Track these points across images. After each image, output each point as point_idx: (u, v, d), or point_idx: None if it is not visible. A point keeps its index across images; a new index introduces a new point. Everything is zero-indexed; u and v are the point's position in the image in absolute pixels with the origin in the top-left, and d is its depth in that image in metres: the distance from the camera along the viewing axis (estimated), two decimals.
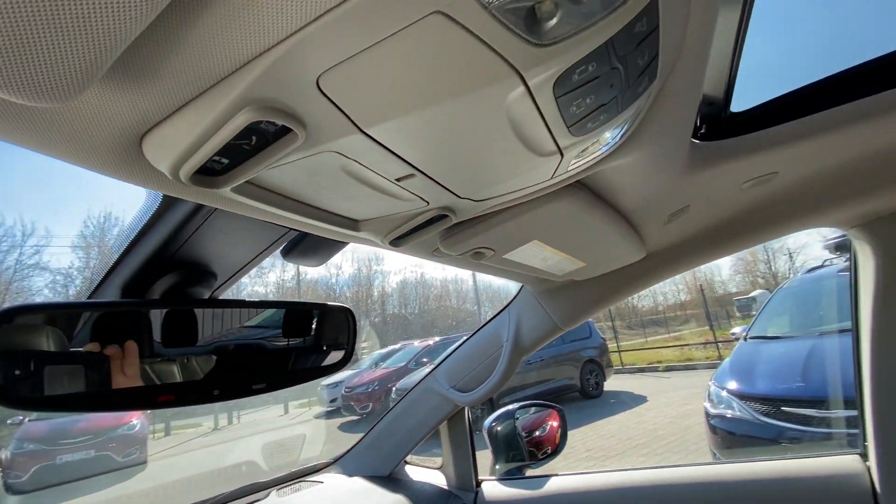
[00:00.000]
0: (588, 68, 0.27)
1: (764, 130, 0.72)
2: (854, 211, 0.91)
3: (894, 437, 0.96)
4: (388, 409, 1.43)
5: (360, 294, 24.84)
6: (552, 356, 8.53)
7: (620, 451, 5.63)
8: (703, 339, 13.62)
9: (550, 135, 0.34)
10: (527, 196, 0.50)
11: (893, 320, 0.95)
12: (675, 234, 0.95)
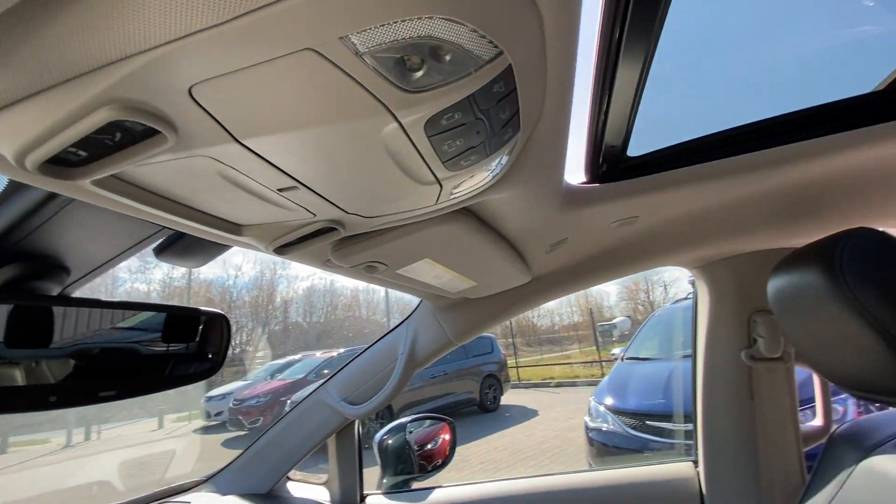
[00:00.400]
0: (454, 115, 0.31)
1: (626, 181, 0.83)
2: (696, 254, 1.09)
3: (718, 446, 1.14)
4: (274, 422, 1.36)
5: (261, 299, 23.15)
6: (455, 370, 8.73)
7: (511, 463, 5.91)
8: (591, 358, 14.90)
9: (428, 167, 0.37)
10: (416, 217, 0.53)
11: (719, 348, 1.15)
12: (557, 261, 1.05)
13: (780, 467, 1.07)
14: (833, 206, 0.91)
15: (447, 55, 0.27)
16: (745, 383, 1.10)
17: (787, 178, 0.83)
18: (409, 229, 0.57)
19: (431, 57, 0.26)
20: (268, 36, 0.24)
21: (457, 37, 0.26)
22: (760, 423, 1.09)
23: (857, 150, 0.77)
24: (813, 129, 0.79)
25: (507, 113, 0.34)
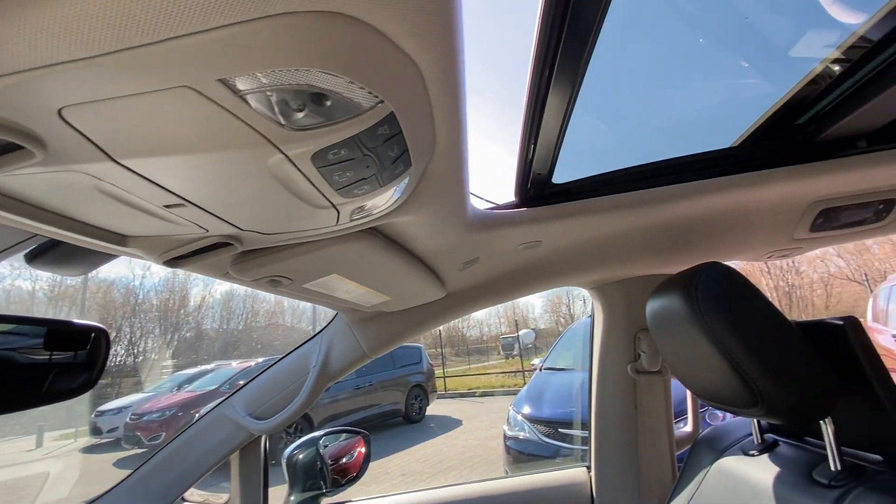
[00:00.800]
0: (340, 152, 0.34)
1: (529, 209, 0.91)
2: (593, 276, 1.21)
3: (607, 451, 1.26)
4: (169, 439, 1.27)
5: (172, 303, 21.10)
6: (381, 381, 8.60)
7: (432, 474, 5.92)
8: (515, 368, 15.44)
9: (321, 193, 0.39)
10: (319, 235, 0.54)
11: (610, 361, 1.27)
12: (470, 278, 1.10)
13: (656, 469, 1.20)
14: (699, 240, 1.06)
15: (328, 101, 0.29)
16: (631, 394, 1.23)
17: (666, 214, 0.95)
18: (313, 246, 0.58)
19: (312, 101, 0.29)
20: (143, 71, 0.25)
21: (336, 87, 0.28)
22: (642, 430, 1.21)
23: (717, 194, 0.91)
24: (687, 175, 0.92)
25: (396, 151, 0.37)
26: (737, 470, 0.83)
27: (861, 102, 0.76)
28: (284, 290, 0.72)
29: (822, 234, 1.05)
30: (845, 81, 0.76)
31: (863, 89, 0.76)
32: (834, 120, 0.83)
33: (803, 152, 0.88)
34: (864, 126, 0.84)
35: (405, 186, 0.46)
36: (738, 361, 0.66)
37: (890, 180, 0.92)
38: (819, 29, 0.78)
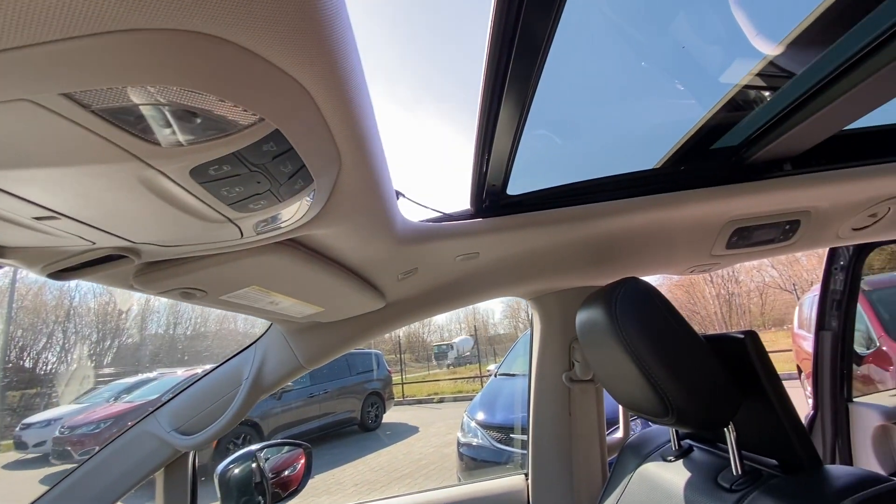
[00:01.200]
0: (223, 168, 0.33)
1: (465, 221, 0.92)
2: (531, 287, 1.24)
3: (543, 458, 1.29)
4: (85, 458, 1.18)
5: (111, 306, 19.70)
6: (337, 389, 8.42)
7: (386, 482, 5.84)
8: (473, 374, 15.54)
9: (211, 208, 0.38)
10: (228, 248, 0.53)
11: (546, 370, 1.30)
12: (409, 289, 1.10)
13: (587, 474, 1.24)
14: (627, 254, 1.11)
15: (197, 118, 0.28)
16: (565, 402, 1.27)
17: (597, 229, 1.00)
18: (224, 258, 0.56)
19: (180, 118, 0.28)
20: None
21: (204, 104, 0.27)
22: (575, 437, 1.25)
23: (643, 212, 0.96)
24: (616, 193, 0.96)
25: (291, 167, 0.37)
26: (655, 475, 0.87)
27: (786, 129, 0.83)
28: (201, 301, 0.69)
29: (736, 251, 1.13)
30: (773, 108, 0.82)
31: (787, 117, 0.82)
32: (763, 143, 0.89)
33: (721, 174, 0.95)
34: (789, 150, 0.92)
35: (314, 200, 0.46)
36: (651, 372, 0.69)
37: (794, 203, 1.00)
38: (743, 58, 0.84)
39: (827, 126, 0.80)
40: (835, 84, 0.70)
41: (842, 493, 0.56)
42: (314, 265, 0.69)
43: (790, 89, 0.77)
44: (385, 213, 0.65)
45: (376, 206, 0.60)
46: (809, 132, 0.82)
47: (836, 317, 1.67)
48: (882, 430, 1.54)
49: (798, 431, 0.68)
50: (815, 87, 0.72)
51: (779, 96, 0.79)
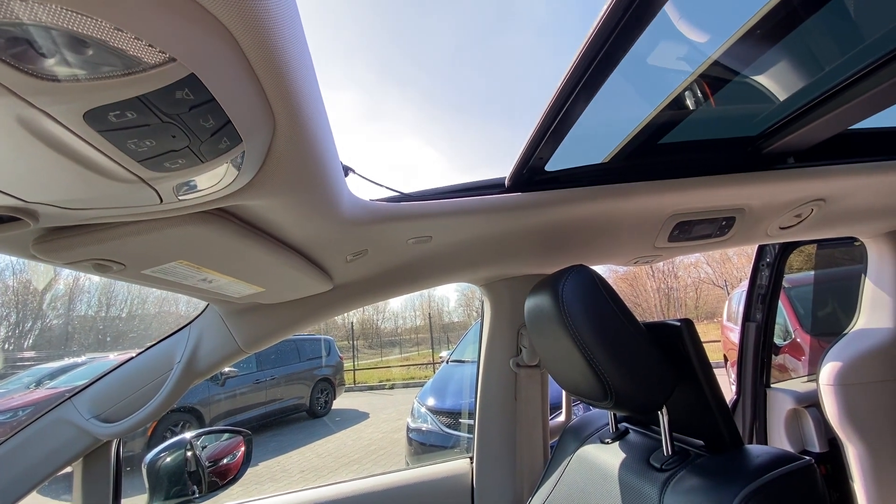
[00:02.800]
0: (127, 114, 0.28)
1: (419, 202, 0.90)
2: (482, 274, 1.24)
3: (488, 441, 1.30)
4: None
5: (30, 285, 17.95)
6: (285, 375, 8.21)
7: (335, 468, 5.79)
8: (426, 361, 15.65)
9: (118, 164, 0.33)
10: (148, 215, 0.47)
11: (495, 355, 1.32)
12: (359, 271, 1.07)
13: (530, 457, 1.28)
14: (575, 244, 1.13)
15: (88, 49, 0.24)
16: (512, 387, 1.29)
17: (546, 217, 1.00)
18: (144, 227, 0.51)
19: (66, 47, 0.23)
20: None
21: (95, 31, 0.23)
22: (519, 421, 1.28)
23: (591, 202, 0.97)
24: (567, 183, 0.97)
25: (213, 122, 0.33)
26: (593, 457, 0.90)
27: (802, 125, 0.87)
28: (120, 276, 0.63)
29: (678, 244, 1.18)
30: (792, 103, 0.86)
31: (806, 112, 0.86)
32: (777, 138, 0.93)
33: (663, 169, 0.98)
34: (801, 144, 0.96)
35: (245, 165, 0.41)
36: (593, 357, 0.71)
37: (729, 200, 1.06)
38: (683, 55, 0.86)
39: (833, 126, 0.87)
40: (851, 87, 0.76)
41: (760, 470, 0.60)
42: (251, 241, 0.65)
43: (810, 88, 0.82)
44: (330, 189, 0.61)
45: (320, 180, 0.56)
46: (820, 128, 0.89)
47: (760, 310, 1.80)
48: (794, 413, 1.70)
49: (724, 414, 0.72)
50: (832, 89, 0.78)
51: (798, 94, 0.84)
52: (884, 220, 1.35)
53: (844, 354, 1.48)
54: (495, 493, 1.27)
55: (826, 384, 1.48)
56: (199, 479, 1.35)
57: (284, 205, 0.57)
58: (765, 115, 0.98)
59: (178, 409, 6.65)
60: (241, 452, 1.48)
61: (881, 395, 1.42)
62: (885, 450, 1.40)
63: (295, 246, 0.79)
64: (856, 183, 1.07)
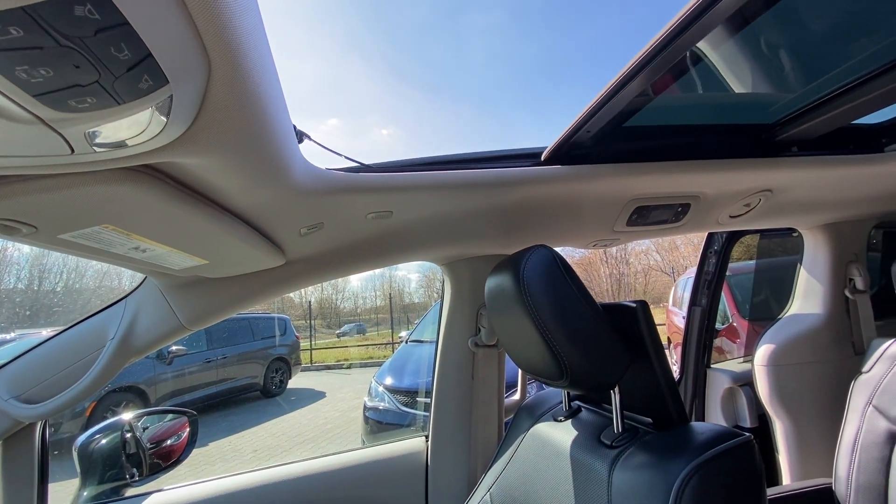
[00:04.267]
0: (10, 31, 0.23)
1: (381, 174, 0.85)
2: (443, 253, 1.21)
3: (444, 420, 1.31)
4: None
5: None
6: (238, 354, 7.97)
7: (288, 447, 5.72)
8: (386, 341, 15.65)
9: (6, 97, 0.27)
10: (60, 167, 0.41)
11: (454, 335, 1.31)
12: (314, 246, 1.02)
13: (485, 435, 1.29)
14: (537, 225, 1.13)
15: None
16: (469, 366, 1.29)
17: (506, 197, 0.99)
18: (57, 184, 0.44)
19: None
20: None
21: None
22: (476, 400, 1.29)
23: (555, 183, 0.96)
24: (522, 162, 0.95)
25: (130, 54, 0.27)
26: (545, 434, 0.91)
27: (815, 116, 0.89)
28: (33, 240, 0.55)
29: (635, 229, 1.21)
30: (806, 96, 0.88)
31: (820, 105, 0.88)
32: (792, 125, 0.96)
33: (626, 153, 0.99)
34: (814, 132, 0.98)
35: (175, 113, 0.36)
36: (551, 336, 0.71)
37: (686, 187, 1.08)
38: None
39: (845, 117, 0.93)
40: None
41: (705, 446, 0.63)
42: (191, 207, 0.58)
43: (827, 83, 0.87)
44: (280, 151, 0.56)
45: (267, 140, 0.51)
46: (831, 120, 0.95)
47: (706, 295, 1.90)
48: (729, 391, 1.81)
49: (672, 393, 0.74)
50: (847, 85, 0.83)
51: (812, 89, 0.88)
52: (821, 213, 1.44)
53: (778, 337, 1.59)
54: (450, 471, 1.28)
55: (760, 364, 1.59)
56: (139, 461, 1.28)
57: (227, 166, 0.52)
58: (727, 104, 1.00)
59: (121, 388, 6.33)
60: (185, 433, 1.41)
61: (808, 376, 1.54)
62: (808, 425, 1.52)
63: (242, 215, 0.73)
64: (800, 175, 1.12)
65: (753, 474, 0.62)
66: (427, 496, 1.27)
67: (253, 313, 9.04)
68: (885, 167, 1.14)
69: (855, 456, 1.15)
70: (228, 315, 1.07)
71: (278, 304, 20.80)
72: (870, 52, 0.82)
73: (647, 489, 0.62)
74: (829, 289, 1.57)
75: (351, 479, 1.26)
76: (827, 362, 1.54)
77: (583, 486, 0.74)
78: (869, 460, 1.12)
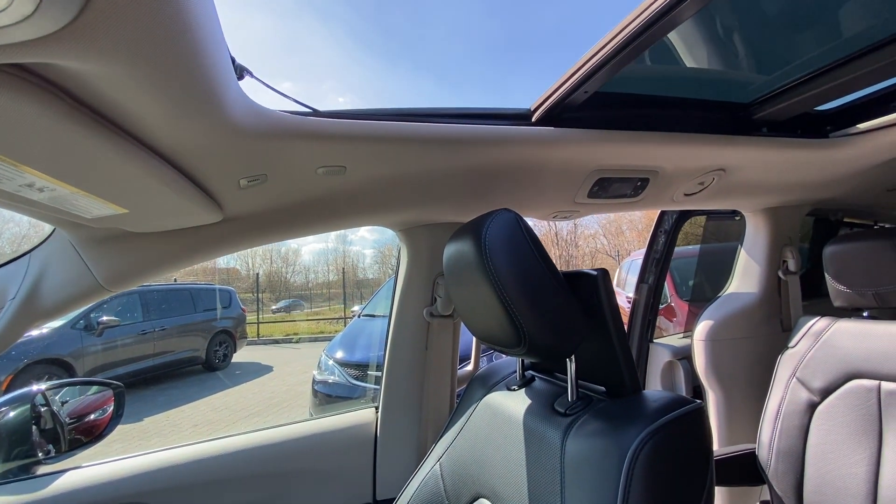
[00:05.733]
0: None
1: (334, 120, 0.77)
2: (400, 217, 1.15)
3: (395, 390, 1.27)
4: None
5: None
6: (178, 326, 7.56)
7: (232, 421, 5.54)
8: (338, 315, 15.42)
9: None
10: None
11: (409, 305, 1.26)
12: (256, 202, 0.92)
13: (436, 405, 1.27)
14: (499, 192, 1.10)
15: None
16: (424, 336, 1.25)
17: (470, 157, 0.94)
18: None
19: None
20: None
21: None
22: (428, 370, 1.26)
23: (520, 145, 0.92)
24: (490, 121, 0.90)
25: None
26: (498, 403, 0.89)
27: (802, 92, 0.89)
28: None
29: (595, 201, 1.20)
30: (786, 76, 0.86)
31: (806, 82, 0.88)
32: (769, 105, 0.97)
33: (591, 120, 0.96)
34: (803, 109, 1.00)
35: None
36: (511, 303, 0.67)
37: (649, 160, 1.08)
38: None
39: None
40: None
41: (658, 413, 0.63)
42: (97, 135, 0.48)
43: (814, 60, 0.88)
44: (211, 77, 0.47)
45: (194, 58, 0.42)
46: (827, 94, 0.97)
47: (654, 273, 1.97)
48: (669, 365, 1.91)
49: (627, 361, 0.74)
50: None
51: (801, 65, 0.88)
52: (764, 196, 1.51)
53: (716, 314, 1.67)
54: (399, 442, 1.25)
55: (698, 339, 1.67)
56: (56, 436, 1.15)
57: (140, 85, 0.43)
58: (695, 77, 1.00)
59: (43, 360, 5.84)
60: (111, 407, 1.29)
61: (740, 350, 1.64)
62: (737, 396, 1.63)
63: (168, 156, 0.63)
64: (752, 155, 1.15)
65: (703, 439, 0.63)
66: (375, 467, 1.24)
67: (195, 284, 8.59)
68: (828, 153, 1.19)
69: (777, 423, 1.23)
70: (156, 275, 0.96)
71: (224, 276, 19.91)
72: (840, 41, 0.84)
73: (600, 456, 0.61)
74: (765, 269, 1.66)
75: (296, 451, 1.21)
76: (758, 338, 1.65)
77: (535, 454, 0.72)
78: (790, 427, 1.21)
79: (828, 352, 1.17)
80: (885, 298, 1.11)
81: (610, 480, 0.58)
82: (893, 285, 1.08)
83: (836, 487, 1.11)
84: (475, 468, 0.83)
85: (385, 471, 1.24)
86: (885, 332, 1.09)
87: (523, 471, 0.73)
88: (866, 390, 1.10)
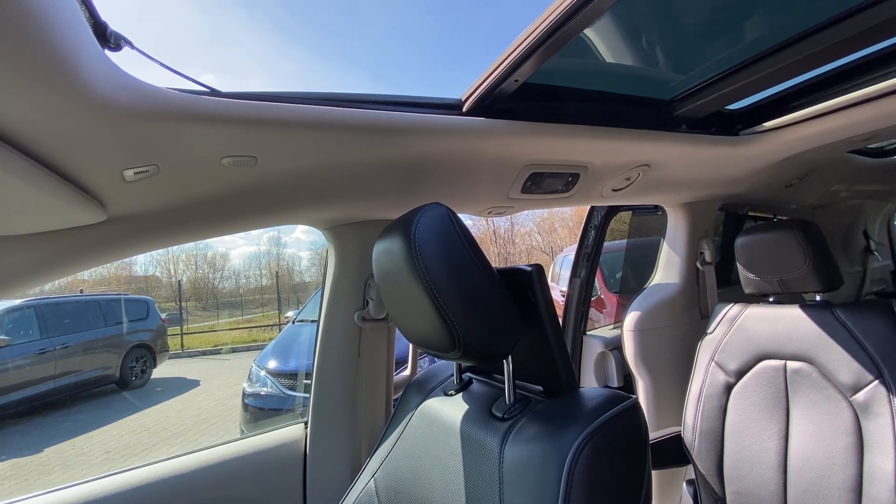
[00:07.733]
0: None
1: (238, 101, 0.68)
2: (325, 215, 1.07)
3: (325, 401, 1.18)
4: None
5: None
6: (83, 342, 6.76)
7: (150, 445, 5.03)
8: (272, 322, 14.65)
9: None
10: None
11: (339, 309, 1.18)
12: (147, 198, 0.80)
13: (371, 414, 1.20)
14: (430, 187, 1.05)
15: None
16: (356, 342, 1.17)
17: (399, 148, 0.88)
18: None
19: None
20: None
21: None
22: (361, 378, 1.18)
23: (451, 137, 0.88)
24: (418, 109, 0.85)
25: None
26: (435, 410, 0.85)
27: (719, 89, 0.89)
28: None
29: (529, 197, 1.19)
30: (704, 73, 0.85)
31: (722, 79, 0.89)
32: (690, 101, 0.99)
33: (523, 113, 0.94)
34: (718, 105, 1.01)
35: None
36: (443, 305, 0.63)
37: (578, 156, 1.08)
38: None
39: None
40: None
41: (596, 412, 0.61)
42: None
43: (723, 62, 0.90)
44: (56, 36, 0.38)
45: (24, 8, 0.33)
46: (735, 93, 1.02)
47: (585, 267, 2.03)
48: (601, 355, 1.98)
49: (563, 359, 0.72)
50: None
51: (712, 65, 0.89)
52: (683, 192, 1.60)
53: (642, 305, 1.75)
54: (331, 459, 1.16)
55: (627, 330, 1.74)
56: None
57: None
58: (621, 73, 1.01)
59: None
60: None
61: (665, 338, 1.73)
62: (664, 382, 1.72)
63: (15, 140, 0.50)
64: (674, 152, 1.20)
65: (640, 434, 0.62)
66: (305, 489, 1.14)
67: (106, 295, 7.73)
68: (738, 150, 1.27)
69: (699, 406, 1.30)
70: (25, 287, 0.80)
71: (142, 285, 18.16)
72: (744, 43, 0.88)
73: (539, 461, 0.58)
74: (684, 261, 1.77)
75: (216, 479, 1.08)
76: (680, 325, 1.75)
77: (473, 463, 0.68)
78: (710, 409, 1.28)
79: (741, 336, 1.25)
80: (788, 284, 1.21)
81: (550, 486, 0.56)
82: (795, 272, 1.18)
83: (752, 461, 1.19)
84: (411, 482, 0.78)
85: (316, 493, 1.14)
86: (788, 315, 1.19)
87: (461, 482, 0.69)
88: (774, 370, 1.19)
